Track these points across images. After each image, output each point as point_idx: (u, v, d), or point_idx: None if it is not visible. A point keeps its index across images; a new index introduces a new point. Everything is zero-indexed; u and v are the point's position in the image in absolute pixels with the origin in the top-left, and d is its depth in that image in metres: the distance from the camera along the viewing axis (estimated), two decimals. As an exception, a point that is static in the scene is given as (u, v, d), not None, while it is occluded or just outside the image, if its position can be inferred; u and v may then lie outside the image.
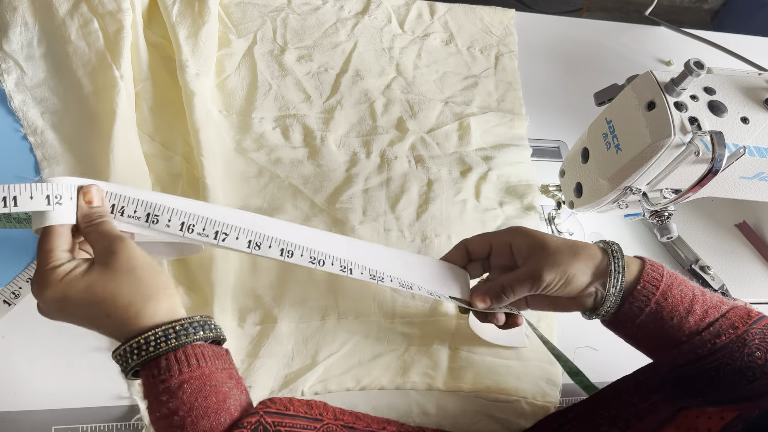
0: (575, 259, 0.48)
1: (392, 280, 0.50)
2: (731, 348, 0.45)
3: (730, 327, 0.46)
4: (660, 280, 0.48)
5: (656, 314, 0.48)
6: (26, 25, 0.63)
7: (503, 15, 0.85)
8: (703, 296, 0.49)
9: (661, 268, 0.49)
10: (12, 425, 0.49)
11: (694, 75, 0.49)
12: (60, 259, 0.39)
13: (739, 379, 0.44)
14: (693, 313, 0.47)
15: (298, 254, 0.47)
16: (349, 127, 0.69)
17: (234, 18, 0.73)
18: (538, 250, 0.49)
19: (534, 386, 0.58)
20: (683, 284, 0.49)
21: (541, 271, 0.48)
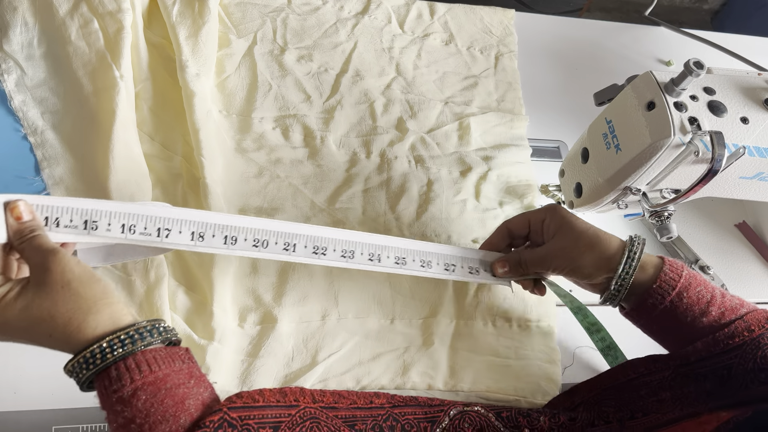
0: (588, 251, 0.51)
1: (414, 260, 0.53)
2: (745, 349, 0.46)
3: (745, 330, 0.47)
4: (677, 281, 0.50)
5: (671, 312, 0.49)
6: (26, 25, 0.63)
7: (503, 15, 0.85)
8: (722, 299, 0.50)
9: (681, 268, 0.51)
10: (12, 425, 0.49)
11: (693, 75, 0.49)
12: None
13: (751, 380, 0.45)
14: (708, 314, 0.49)
15: (241, 239, 0.47)
16: (349, 127, 0.69)
17: (234, 18, 0.73)
18: (562, 233, 0.52)
19: (534, 386, 0.58)
20: (702, 285, 0.50)
21: (554, 255, 0.52)
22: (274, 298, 0.57)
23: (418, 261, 0.53)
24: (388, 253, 0.52)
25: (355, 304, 0.59)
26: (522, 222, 0.56)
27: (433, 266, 0.53)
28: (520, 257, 0.55)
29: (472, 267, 0.55)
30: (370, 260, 0.51)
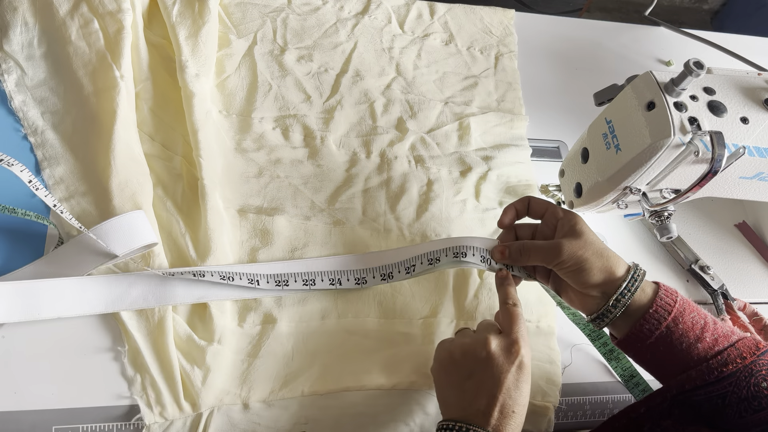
0: (598, 258, 0.51)
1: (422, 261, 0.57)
2: (738, 377, 0.47)
3: (738, 357, 0.47)
4: (673, 306, 0.50)
5: (666, 338, 0.49)
6: (26, 26, 0.63)
7: (503, 15, 0.85)
8: (714, 325, 0.50)
9: (675, 294, 0.51)
10: (12, 425, 0.49)
11: (693, 75, 0.49)
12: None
13: (745, 408, 0.46)
14: (703, 340, 0.49)
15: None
16: (349, 127, 0.69)
17: (234, 18, 0.73)
18: (574, 234, 0.52)
19: (534, 386, 0.58)
20: (695, 311, 0.50)
21: (562, 246, 0.51)
22: (274, 298, 0.57)
23: (426, 262, 0.56)
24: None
25: (355, 303, 0.59)
26: (542, 204, 0.56)
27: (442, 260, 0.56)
28: (524, 245, 0.54)
29: (458, 251, 0.56)
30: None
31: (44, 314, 0.51)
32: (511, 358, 0.48)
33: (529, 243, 0.54)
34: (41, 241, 0.56)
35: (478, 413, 0.46)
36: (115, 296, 0.53)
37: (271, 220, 0.61)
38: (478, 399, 0.46)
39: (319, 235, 0.62)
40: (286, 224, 0.61)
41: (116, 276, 0.54)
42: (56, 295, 0.52)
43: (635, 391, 0.59)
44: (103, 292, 0.53)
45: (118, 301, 0.53)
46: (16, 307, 0.51)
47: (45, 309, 0.51)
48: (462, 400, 0.47)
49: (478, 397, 0.46)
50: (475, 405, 0.46)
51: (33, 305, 0.51)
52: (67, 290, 0.52)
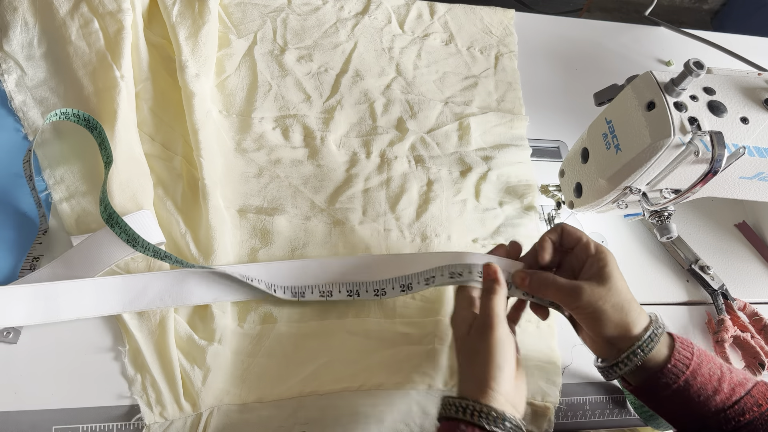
0: (617, 312, 0.49)
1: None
2: (755, 425, 0.46)
3: (754, 405, 0.47)
4: (690, 359, 0.48)
5: (684, 391, 0.48)
6: (27, 26, 0.63)
7: (503, 15, 0.85)
8: (730, 374, 0.49)
9: (691, 346, 0.50)
10: (12, 425, 0.49)
11: (693, 75, 0.49)
12: (465, 309, 0.51)
13: None
14: (720, 391, 0.48)
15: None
16: (349, 127, 0.69)
17: (234, 18, 0.73)
18: (601, 278, 0.49)
19: (534, 386, 0.58)
20: (711, 362, 0.49)
21: (582, 292, 0.49)
22: (274, 298, 0.57)
23: (447, 274, 0.54)
24: (418, 279, 0.56)
25: (355, 303, 0.59)
26: (575, 236, 0.53)
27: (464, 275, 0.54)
28: (546, 278, 0.51)
29: (481, 271, 0.54)
30: (402, 291, 0.57)
31: (63, 316, 0.51)
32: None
33: (551, 278, 0.51)
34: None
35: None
36: (132, 296, 0.53)
37: (271, 220, 0.61)
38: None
39: (319, 235, 0.62)
40: (286, 224, 0.61)
41: (133, 276, 0.54)
42: (75, 296, 0.52)
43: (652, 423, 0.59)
44: (120, 292, 0.53)
45: (136, 301, 0.53)
46: (36, 310, 0.51)
47: (64, 311, 0.51)
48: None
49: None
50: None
51: (52, 307, 0.51)
52: (86, 291, 0.52)
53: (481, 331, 0.48)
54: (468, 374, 0.48)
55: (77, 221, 0.56)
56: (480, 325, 0.48)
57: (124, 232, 0.53)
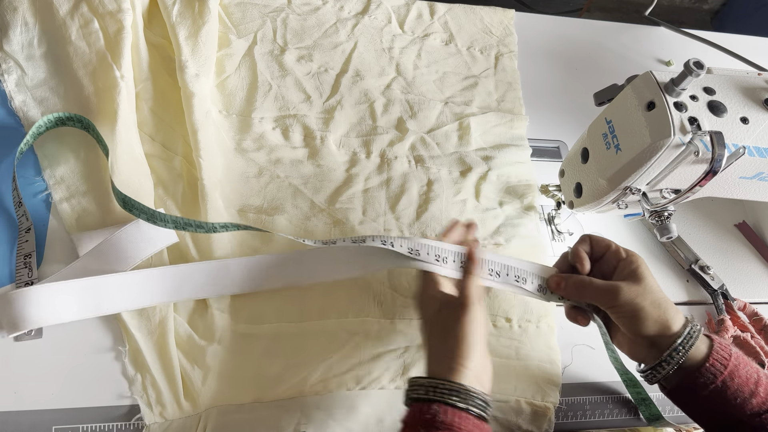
0: (655, 309, 0.49)
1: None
2: None
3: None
4: (728, 360, 0.48)
5: (721, 392, 0.48)
6: (27, 26, 0.63)
7: (503, 15, 0.85)
8: (766, 378, 0.49)
9: (729, 347, 0.50)
10: (12, 425, 0.49)
11: (693, 75, 0.49)
12: (440, 284, 0.51)
13: None
14: (757, 395, 0.47)
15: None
16: (349, 127, 0.69)
17: (234, 18, 0.73)
18: (635, 278, 0.50)
19: (534, 386, 0.58)
20: (748, 365, 0.49)
21: (620, 290, 0.49)
22: (272, 297, 0.57)
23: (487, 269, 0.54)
24: (453, 257, 0.54)
25: (355, 303, 0.59)
26: (602, 244, 0.54)
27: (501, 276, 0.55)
28: (583, 281, 0.52)
29: (519, 276, 0.54)
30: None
31: (114, 308, 0.52)
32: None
33: (587, 280, 0.52)
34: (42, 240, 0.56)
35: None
36: (177, 286, 0.54)
37: (271, 220, 0.61)
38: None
39: (319, 235, 0.62)
40: (286, 224, 0.61)
41: (177, 267, 0.55)
42: (123, 288, 0.52)
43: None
44: (165, 282, 0.54)
45: (180, 291, 0.54)
46: (87, 304, 0.51)
47: (115, 302, 0.52)
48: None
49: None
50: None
51: (102, 301, 0.51)
52: (134, 283, 0.53)
53: (456, 310, 0.48)
54: (438, 353, 0.48)
55: (77, 221, 0.57)
56: (456, 304, 0.49)
57: (143, 212, 0.54)
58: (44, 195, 0.58)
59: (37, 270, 0.54)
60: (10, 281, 0.53)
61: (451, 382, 0.45)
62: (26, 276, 0.53)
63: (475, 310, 0.49)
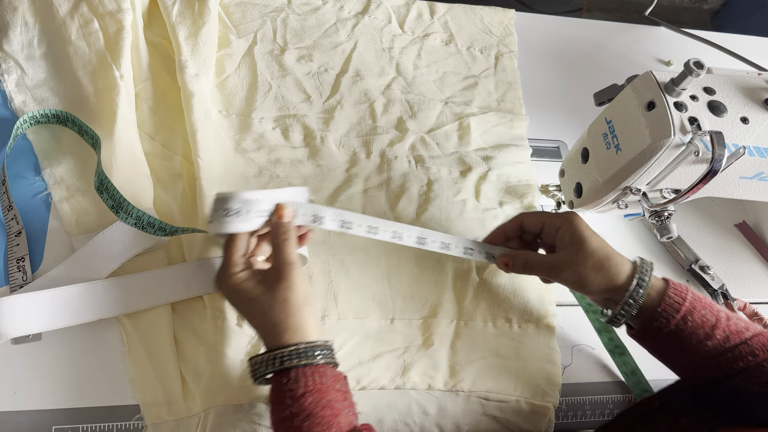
0: (598, 272, 0.51)
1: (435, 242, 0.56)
2: (750, 373, 0.47)
3: (749, 354, 0.47)
4: (681, 305, 0.50)
5: (675, 335, 0.50)
6: (26, 26, 0.63)
7: (503, 15, 0.85)
8: (727, 322, 0.49)
9: (685, 291, 0.51)
10: (12, 425, 0.49)
11: (693, 75, 0.49)
12: (237, 264, 0.49)
13: (758, 403, 0.46)
14: (713, 337, 0.49)
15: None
16: (349, 127, 0.69)
17: (234, 18, 0.73)
18: (575, 246, 0.52)
19: (534, 386, 0.58)
20: (707, 308, 0.50)
21: (562, 267, 0.52)
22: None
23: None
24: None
25: (355, 304, 0.59)
26: (537, 221, 0.56)
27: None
28: (528, 259, 0.55)
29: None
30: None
31: (84, 318, 0.51)
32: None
33: (532, 258, 0.55)
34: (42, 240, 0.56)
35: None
36: (139, 295, 0.53)
37: (271, 220, 0.61)
38: None
39: (319, 235, 0.62)
40: (286, 224, 0.61)
41: (174, 268, 0.55)
42: (90, 298, 0.52)
43: (636, 389, 0.59)
44: (129, 291, 0.53)
45: (143, 299, 0.53)
46: (57, 315, 0.51)
47: (84, 313, 0.51)
48: None
49: None
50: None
51: (72, 310, 0.51)
52: (98, 292, 0.52)
53: (279, 280, 0.47)
54: (267, 327, 0.48)
55: (77, 221, 0.56)
56: (276, 276, 0.48)
57: (110, 198, 0.53)
58: (44, 195, 0.58)
59: (39, 269, 0.54)
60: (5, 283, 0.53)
61: (287, 346, 0.46)
62: (20, 279, 0.53)
63: (298, 274, 0.48)
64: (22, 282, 0.53)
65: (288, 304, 0.47)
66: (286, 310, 0.47)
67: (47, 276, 0.52)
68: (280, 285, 0.47)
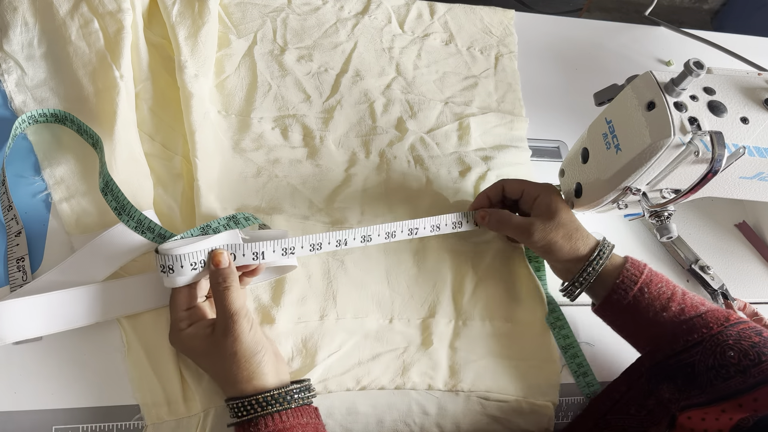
0: (566, 242, 0.56)
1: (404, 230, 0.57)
2: (705, 346, 0.49)
3: (703, 326, 0.50)
4: (639, 277, 0.54)
5: (634, 307, 0.53)
6: (26, 26, 0.63)
7: (503, 15, 0.85)
8: (683, 296, 0.53)
9: (643, 266, 0.55)
10: (12, 425, 0.49)
11: (693, 75, 0.49)
12: (183, 320, 0.49)
13: (714, 376, 0.48)
14: (669, 309, 0.52)
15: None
16: (348, 127, 0.69)
17: (234, 18, 0.73)
18: (548, 215, 0.56)
19: (533, 386, 0.58)
20: (663, 283, 0.54)
21: (534, 228, 0.56)
22: (273, 298, 0.57)
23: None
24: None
25: (354, 304, 0.59)
26: (517, 187, 0.60)
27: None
28: (502, 217, 0.58)
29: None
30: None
31: (80, 322, 0.51)
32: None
33: (507, 216, 0.58)
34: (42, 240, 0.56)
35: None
36: (135, 297, 0.53)
37: (269, 220, 0.61)
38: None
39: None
40: (284, 224, 0.61)
41: (138, 277, 0.54)
42: (86, 302, 0.52)
43: (572, 364, 0.61)
44: (126, 294, 0.53)
45: (141, 302, 0.54)
46: (54, 319, 0.50)
47: (80, 317, 0.51)
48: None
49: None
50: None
51: (69, 315, 0.51)
52: (94, 297, 0.52)
53: (225, 334, 0.47)
54: (226, 378, 0.48)
55: (77, 221, 0.56)
56: (222, 330, 0.47)
57: (114, 200, 0.53)
58: (44, 195, 0.58)
59: (39, 269, 0.54)
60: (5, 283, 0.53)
61: (252, 396, 0.46)
62: (21, 279, 0.53)
63: (245, 323, 0.48)
64: (22, 282, 0.53)
65: (237, 357, 0.47)
66: (237, 363, 0.47)
67: (46, 278, 0.52)
68: (227, 339, 0.47)
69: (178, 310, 0.50)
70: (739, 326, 0.50)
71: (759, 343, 0.47)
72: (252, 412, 0.46)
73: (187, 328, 0.49)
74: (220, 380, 0.49)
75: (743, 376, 0.46)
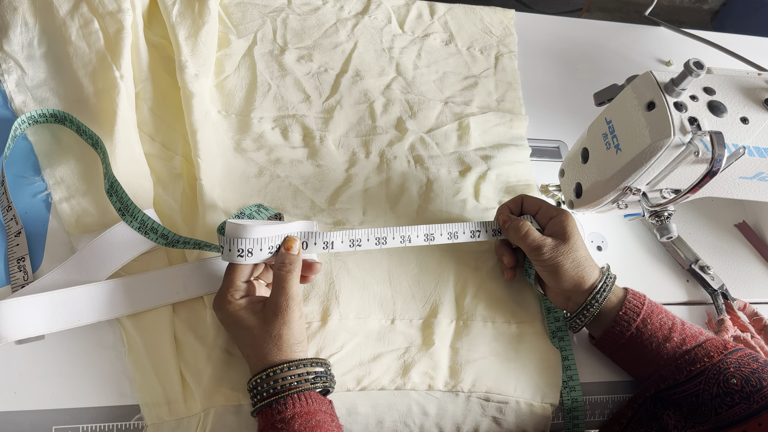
0: (574, 269, 0.54)
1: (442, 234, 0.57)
2: (707, 375, 0.50)
3: (705, 356, 0.51)
4: (641, 308, 0.54)
5: (637, 339, 0.54)
6: (27, 26, 0.63)
7: (503, 15, 0.85)
8: (682, 326, 0.54)
9: (643, 297, 0.55)
10: (12, 425, 0.49)
11: (693, 75, 0.49)
12: (239, 290, 0.50)
13: (719, 405, 0.48)
14: (671, 340, 0.53)
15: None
16: (348, 127, 0.69)
17: (234, 18, 0.73)
18: (563, 236, 0.55)
19: (533, 387, 0.58)
20: (663, 314, 0.54)
21: (545, 249, 0.55)
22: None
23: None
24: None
25: (356, 304, 0.59)
26: (536, 203, 0.59)
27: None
28: (521, 228, 0.57)
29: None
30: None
31: (84, 320, 0.52)
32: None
33: (526, 228, 0.57)
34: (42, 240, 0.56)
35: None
36: (141, 295, 0.54)
37: (271, 220, 0.61)
38: None
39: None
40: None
41: (174, 268, 0.55)
42: (90, 300, 0.52)
43: (563, 375, 0.60)
44: (129, 293, 0.53)
45: (144, 299, 0.54)
46: (57, 317, 0.51)
47: (83, 315, 0.52)
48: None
49: None
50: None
51: (72, 312, 0.51)
52: (99, 294, 0.53)
53: (276, 315, 0.48)
54: (263, 356, 0.48)
55: (77, 221, 0.56)
56: (274, 310, 0.49)
57: (119, 201, 0.54)
58: (44, 195, 0.58)
59: (39, 269, 0.54)
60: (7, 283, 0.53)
61: (276, 372, 0.47)
62: (21, 279, 0.53)
63: (297, 309, 0.49)
64: (23, 282, 0.53)
65: (281, 341, 0.48)
66: (278, 345, 0.48)
67: (47, 278, 0.52)
68: (276, 320, 0.48)
69: (236, 280, 0.50)
70: (738, 353, 0.51)
71: (758, 369, 0.49)
72: (279, 390, 0.47)
73: (240, 299, 0.50)
74: (255, 355, 0.49)
75: (747, 402, 0.47)
